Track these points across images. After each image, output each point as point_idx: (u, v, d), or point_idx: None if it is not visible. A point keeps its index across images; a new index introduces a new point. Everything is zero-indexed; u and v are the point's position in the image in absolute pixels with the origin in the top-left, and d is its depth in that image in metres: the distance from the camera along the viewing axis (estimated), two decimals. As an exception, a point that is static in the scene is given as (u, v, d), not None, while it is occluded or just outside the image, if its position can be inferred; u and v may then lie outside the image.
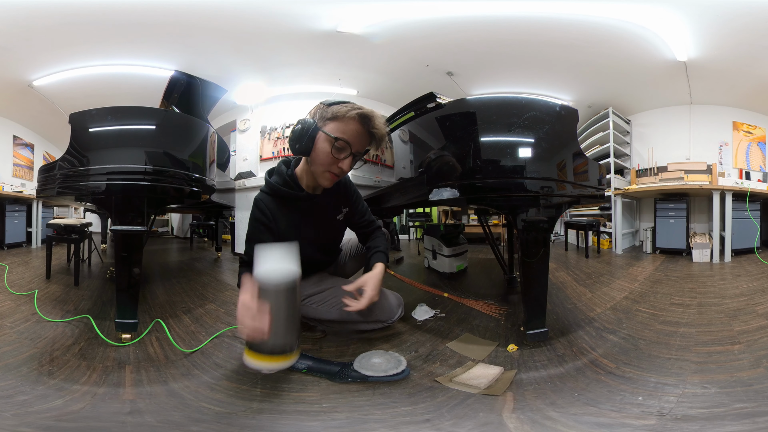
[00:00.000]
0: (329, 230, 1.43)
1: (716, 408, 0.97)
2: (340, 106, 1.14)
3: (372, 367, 1.15)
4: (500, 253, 2.41)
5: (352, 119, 1.12)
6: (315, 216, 1.33)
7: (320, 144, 1.13)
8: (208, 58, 2.78)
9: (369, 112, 1.14)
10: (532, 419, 0.96)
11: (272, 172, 1.33)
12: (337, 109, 1.13)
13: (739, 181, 3.69)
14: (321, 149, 1.13)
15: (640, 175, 4.11)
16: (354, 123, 1.13)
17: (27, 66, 2.92)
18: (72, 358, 1.32)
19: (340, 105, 1.14)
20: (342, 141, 1.12)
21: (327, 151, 1.13)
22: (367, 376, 1.14)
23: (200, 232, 5.26)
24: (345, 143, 1.13)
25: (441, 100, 1.57)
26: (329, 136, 1.12)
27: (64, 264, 2.93)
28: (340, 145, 1.13)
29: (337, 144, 1.12)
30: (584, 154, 1.51)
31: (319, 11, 2.42)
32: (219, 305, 2.01)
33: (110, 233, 3.26)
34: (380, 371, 1.14)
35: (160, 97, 2.28)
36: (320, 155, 1.14)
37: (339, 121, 1.12)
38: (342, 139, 1.12)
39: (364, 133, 1.15)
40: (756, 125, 3.89)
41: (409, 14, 2.50)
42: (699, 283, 2.43)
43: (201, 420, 0.99)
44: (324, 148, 1.13)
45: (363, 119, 1.13)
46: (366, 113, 1.13)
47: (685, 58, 2.87)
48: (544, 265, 1.45)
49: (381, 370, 1.14)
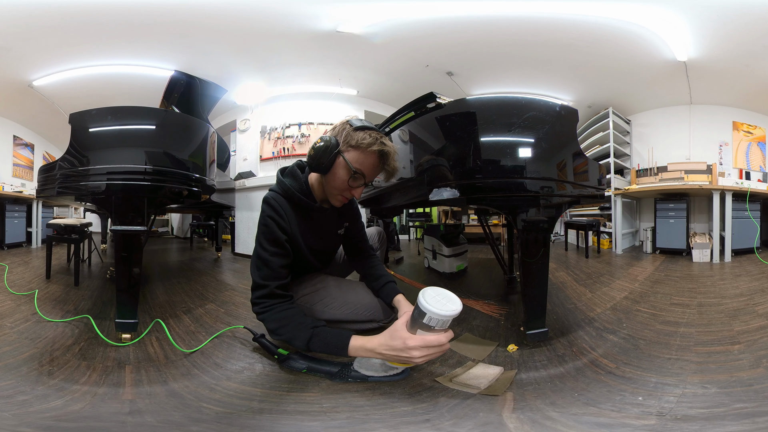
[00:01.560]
0: (329, 242, 1.46)
1: (716, 408, 0.97)
2: (365, 134, 1.14)
3: (372, 367, 1.15)
4: (500, 253, 2.41)
5: (373, 153, 1.15)
6: (320, 227, 1.35)
7: (339, 170, 1.15)
8: (208, 58, 2.79)
9: (389, 150, 1.16)
10: (532, 419, 0.96)
11: (286, 172, 1.31)
12: (362, 138, 1.14)
13: (739, 181, 3.70)
14: (339, 175, 1.16)
15: (640, 175, 4.11)
16: (373, 157, 1.15)
17: (27, 66, 2.92)
18: (72, 358, 1.32)
19: (365, 133, 1.14)
20: (360, 174, 1.15)
21: (344, 179, 1.16)
22: (367, 376, 1.14)
23: (200, 232, 5.26)
24: (362, 176, 1.16)
25: (441, 100, 1.57)
26: (349, 166, 1.14)
27: (64, 264, 2.93)
28: (358, 176, 1.16)
29: (355, 175, 1.15)
30: (584, 154, 1.51)
31: (319, 11, 2.42)
32: (219, 305, 2.01)
33: (110, 233, 3.26)
34: (380, 371, 1.14)
35: (160, 97, 2.28)
36: (336, 180, 1.17)
37: (361, 152, 1.14)
38: (360, 172, 1.15)
39: (380, 167, 1.19)
40: (756, 125, 3.89)
41: (409, 14, 2.50)
42: (699, 283, 2.43)
43: (201, 420, 0.99)
44: (342, 175, 1.15)
45: (382, 156, 1.16)
46: (386, 151, 1.15)
47: (685, 58, 2.87)
48: (544, 265, 1.45)
49: (381, 371, 1.14)
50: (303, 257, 1.28)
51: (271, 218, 1.18)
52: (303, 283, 1.44)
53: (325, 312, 1.39)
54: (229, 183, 3.76)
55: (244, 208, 3.85)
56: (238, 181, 3.85)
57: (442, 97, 1.55)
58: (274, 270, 1.16)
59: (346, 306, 1.39)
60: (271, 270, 1.15)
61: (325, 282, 1.44)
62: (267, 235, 1.18)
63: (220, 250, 3.86)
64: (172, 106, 2.24)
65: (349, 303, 1.39)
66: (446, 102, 1.52)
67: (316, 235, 1.31)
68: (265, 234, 1.19)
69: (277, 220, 1.18)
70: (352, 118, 1.21)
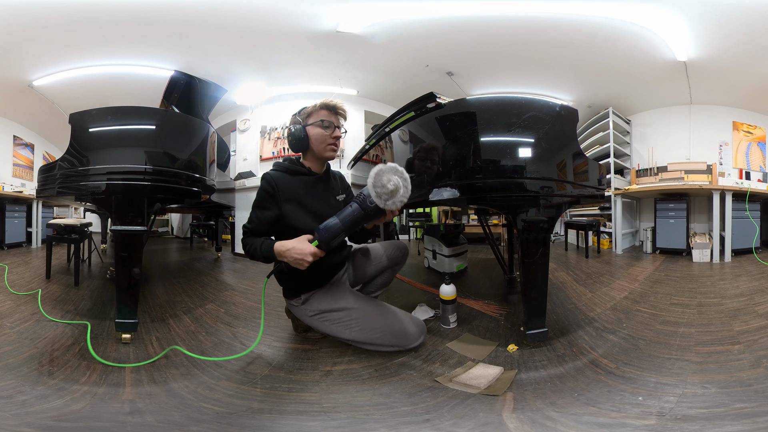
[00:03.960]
0: (331, 207, 1.48)
1: (716, 408, 0.97)
2: (306, 107, 1.48)
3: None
4: (500, 253, 2.41)
5: (321, 108, 1.45)
6: (318, 192, 1.46)
7: (314, 133, 1.44)
8: (208, 58, 2.79)
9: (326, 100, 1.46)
10: (532, 419, 0.96)
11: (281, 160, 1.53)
12: (306, 109, 1.47)
13: (739, 181, 3.69)
14: (315, 134, 1.44)
15: (640, 175, 4.11)
16: (323, 109, 1.45)
17: (27, 66, 2.92)
18: (72, 358, 1.32)
19: (305, 108, 1.48)
20: (326, 120, 1.44)
21: (321, 133, 1.43)
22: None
23: (200, 232, 5.26)
24: (329, 121, 1.44)
25: (441, 100, 1.57)
26: (315, 123, 1.44)
27: (64, 264, 2.93)
28: (327, 123, 1.44)
29: (325, 123, 1.43)
30: (584, 154, 1.50)
31: (319, 11, 2.42)
32: (219, 305, 2.01)
33: (110, 233, 3.26)
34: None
35: (160, 97, 2.28)
36: (318, 138, 1.44)
37: (314, 113, 1.45)
38: (325, 119, 1.44)
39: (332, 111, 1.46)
40: (756, 125, 3.89)
41: (409, 14, 2.50)
42: (699, 283, 2.43)
43: (201, 420, 0.99)
44: (318, 132, 1.43)
45: (326, 105, 1.45)
46: (325, 102, 1.45)
47: (685, 58, 2.87)
48: (544, 265, 1.45)
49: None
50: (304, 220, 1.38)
51: (263, 189, 1.39)
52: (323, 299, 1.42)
53: (347, 333, 1.38)
54: (229, 183, 3.76)
55: (244, 208, 3.84)
56: (238, 181, 3.85)
57: (442, 97, 1.55)
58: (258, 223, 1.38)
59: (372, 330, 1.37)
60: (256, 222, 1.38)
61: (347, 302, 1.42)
62: (258, 201, 1.40)
63: (220, 250, 3.86)
64: (172, 106, 2.24)
65: (377, 328, 1.37)
66: (446, 102, 1.52)
67: (315, 197, 1.44)
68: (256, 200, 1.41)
69: (267, 189, 1.38)
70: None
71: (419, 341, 1.40)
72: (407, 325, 1.40)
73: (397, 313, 1.44)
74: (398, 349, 1.38)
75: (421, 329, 1.43)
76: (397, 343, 1.37)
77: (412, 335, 1.39)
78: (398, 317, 1.42)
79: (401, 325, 1.39)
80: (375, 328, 1.37)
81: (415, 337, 1.40)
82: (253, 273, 2.91)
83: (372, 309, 1.42)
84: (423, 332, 1.43)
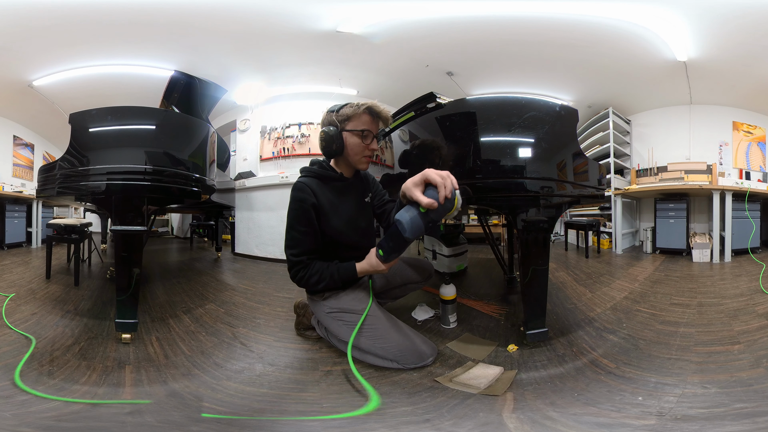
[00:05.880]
0: (362, 211, 1.49)
1: (716, 408, 0.97)
2: (347, 107, 1.38)
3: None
4: (500, 253, 2.41)
5: (363, 113, 1.37)
6: (350, 196, 1.44)
7: (350, 141, 1.37)
8: (208, 58, 2.78)
9: (371, 103, 1.38)
10: (532, 419, 0.96)
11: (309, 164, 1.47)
12: (347, 111, 1.37)
13: (739, 181, 3.69)
14: (352, 143, 1.37)
15: (640, 175, 4.11)
16: (366, 115, 1.38)
17: (27, 66, 2.92)
18: (72, 358, 1.32)
19: (346, 107, 1.38)
20: (367, 131, 1.38)
21: (358, 143, 1.37)
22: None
23: (200, 232, 5.26)
24: (369, 131, 1.38)
25: (441, 100, 1.57)
26: (355, 131, 1.37)
27: (64, 264, 2.93)
28: (366, 134, 1.37)
29: (364, 134, 1.37)
30: (584, 154, 1.51)
31: (319, 11, 2.42)
32: (219, 305, 2.01)
33: (110, 233, 3.26)
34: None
35: (160, 97, 2.28)
36: (354, 148, 1.38)
37: (355, 119, 1.37)
38: (367, 130, 1.38)
39: (375, 119, 1.40)
40: (756, 125, 3.89)
41: (409, 14, 2.50)
42: (699, 283, 2.43)
43: (201, 420, 0.99)
44: (355, 142, 1.37)
45: (370, 110, 1.37)
46: (370, 105, 1.37)
47: (685, 58, 2.87)
48: (544, 265, 1.45)
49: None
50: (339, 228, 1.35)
51: (299, 199, 1.32)
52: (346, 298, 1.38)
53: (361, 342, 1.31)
54: (229, 183, 3.76)
55: (244, 208, 3.84)
56: (238, 181, 3.84)
57: (442, 97, 1.56)
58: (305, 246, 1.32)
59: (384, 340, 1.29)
60: (302, 247, 1.32)
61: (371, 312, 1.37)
62: (297, 216, 1.33)
63: (220, 250, 3.85)
64: (172, 106, 2.24)
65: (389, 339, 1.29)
66: (446, 102, 1.52)
67: (346, 203, 1.42)
68: (295, 214, 1.33)
69: (304, 197, 1.32)
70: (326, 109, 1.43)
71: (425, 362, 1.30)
72: (419, 344, 1.32)
73: (411, 331, 1.37)
74: (399, 366, 1.28)
75: (432, 350, 1.34)
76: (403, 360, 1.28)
77: (423, 354, 1.30)
78: (412, 334, 1.36)
79: (413, 343, 1.31)
80: (387, 339, 1.29)
81: (426, 356, 1.31)
82: (253, 273, 2.92)
83: (389, 321, 1.36)
84: (433, 353, 1.33)
